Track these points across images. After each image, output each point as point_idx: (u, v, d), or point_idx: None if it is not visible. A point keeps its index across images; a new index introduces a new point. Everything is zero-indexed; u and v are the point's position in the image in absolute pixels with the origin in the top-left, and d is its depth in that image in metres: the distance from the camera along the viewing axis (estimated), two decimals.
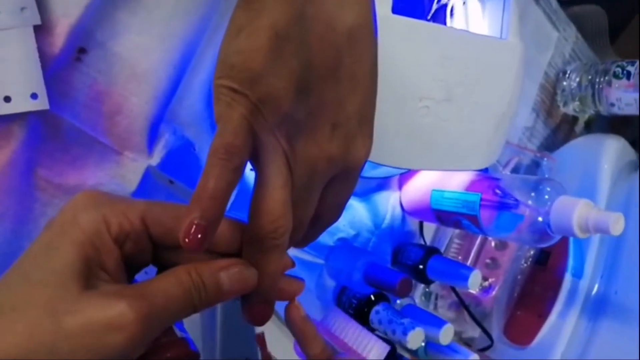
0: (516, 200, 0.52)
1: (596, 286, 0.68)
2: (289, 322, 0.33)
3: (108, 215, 0.26)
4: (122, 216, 0.27)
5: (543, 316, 0.69)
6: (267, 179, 0.28)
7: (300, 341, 0.34)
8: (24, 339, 0.23)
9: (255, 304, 0.30)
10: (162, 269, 0.30)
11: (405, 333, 0.52)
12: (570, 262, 0.69)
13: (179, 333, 0.32)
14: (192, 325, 0.47)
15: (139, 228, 0.27)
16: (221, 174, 0.26)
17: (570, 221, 0.47)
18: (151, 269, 0.30)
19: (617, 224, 0.46)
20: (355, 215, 0.60)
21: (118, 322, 0.23)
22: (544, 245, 0.52)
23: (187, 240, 0.26)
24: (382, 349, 0.50)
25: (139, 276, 0.30)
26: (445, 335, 0.55)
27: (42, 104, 0.38)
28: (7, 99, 0.37)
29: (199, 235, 0.26)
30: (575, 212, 0.47)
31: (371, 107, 0.31)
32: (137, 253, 0.28)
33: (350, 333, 0.53)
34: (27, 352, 0.23)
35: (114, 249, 0.27)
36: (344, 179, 0.30)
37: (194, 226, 0.26)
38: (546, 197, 0.50)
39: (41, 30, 0.38)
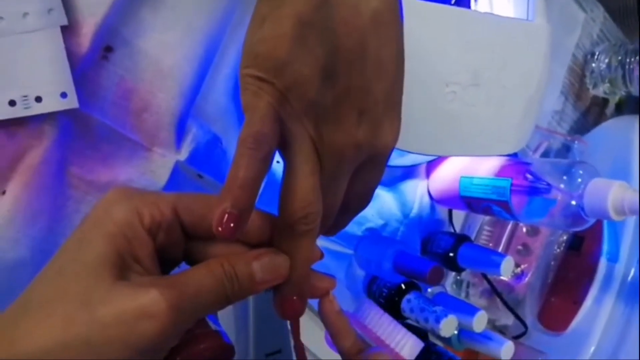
0: (548, 184, 0.51)
1: (633, 270, 0.67)
2: (323, 315, 0.33)
3: (140, 206, 0.27)
4: (153, 207, 0.27)
5: (578, 302, 0.68)
6: (297, 166, 0.28)
7: (333, 334, 0.34)
8: (59, 331, 0.23)
9: (288, 298, 0.29)
10: (194, 264, 0.31)
11: (438, 321, 0.52)
12: (605, 246, 0.68)
13: (212, 325, 0.32)
14: (225, 317, 0.47)
15: (170, 218, 0.28)
16: (250, 163, 0.26)
17: (605, 203, 0.46)
18: (185, 267, 0.30)
19: None
20: (383, 204, 0.60)
21: (150, 310, 0.24)
22: (577, 230, 0.51)
23: (220, 229, 0.26)
24: (416, 345, 0.50)
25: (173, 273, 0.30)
26: (479, 322, 0.54)
27: (71, 102, 0.39)
28: (38, 99, 0.38)
29: (232, 224, 0.26)
30: (610, 194, 0.46)
31: (398, 92, 0.30)
32: (170, 245, 0.28)
33: (384, 327, 0.52)
34: (63, 343, 0.23)
35: (147, 241, 0.27)
36: (372, 165, 0.30)
37: (227, 215, 0.26)
38: (579, 180, 0.49)
39: (68, 31, 0.38)
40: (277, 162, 0.30)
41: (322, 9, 0.26)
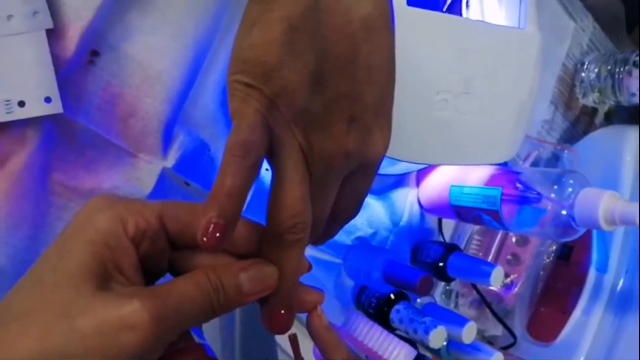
0: (538, 193, 0.50)
1: (621, 281, 0.67)
2: (311, 331, 0.32)
3: (124, 214, 0.26)
4: (138, 215, 0.26)
5: (567, 312, 0.68)
6: (285, 175, 0.28)
7: (323, 350, 0.33)
8: (37, 342, 0.22)
9: (276, 311, 0.29)
10: (178, 275, 0.30)
11: (427, 332, 0.51)
12: (594, 256, 0.68)
13: (196, 339, 0.31)
14: (210, 328, 0.46)
15: (155, 226, 0.27)
16: (238, 172, 0.26)
17: (596, 213, 0.46)
18: (169, 278, 0.29)
19: None
20: (373, 213, 0.59)
21: (131, 321, 0.23)
22: (568, 240, 0.51)
23: (205, 239, 0.25)
24: (409, 353, 0.49)
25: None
26: (468, 333, 0.54)
27: (55, 107, 0.38)
28: (21, 104, 0.37)
29: (217, 234, 0.25)
30: (601, 204, 0.46)
31: (389, 99, 0.30)
32: (154, 254, 0.27)
33: (375, 337, 0.52)
34: (40, 355, 0.22)
35: (130, 250, 0.26)
36: (361, 173, 0.30)
37: (212, 225, 0.25)
38: (569, 189, 0.49)
39: (54, 34, 0.37)
40: (267, 169, 0.29)
41: (312, 15, 0.26)
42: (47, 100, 0.38)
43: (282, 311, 0.28)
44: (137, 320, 0.23)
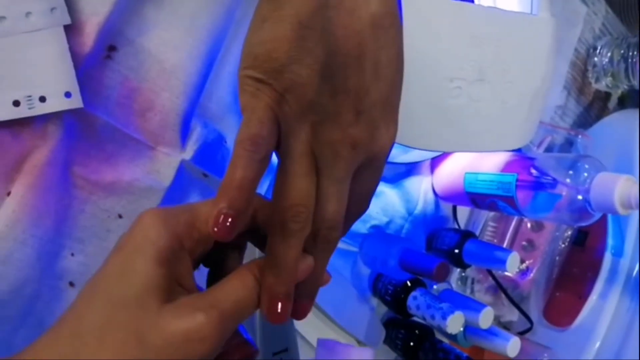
0: (553, 179, 0.51)
1: (637, 265, 0.66)
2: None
3: (177, 229, 0.28)
4: (189, 226, 0.28)
5: (583, 297, 0.68)
6: (290, 166, 0.28)
7: None
8: (114, 355, 0.25)
9: (275, 300, 0.28)
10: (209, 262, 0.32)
11: (444, 317, 0.52)
12: (610, 241, 0.68)
13: (243, 334, 0.33)
14: None
15: (206, 232, 0.29)
16: (248, 165, 0.27)
17: (611, 198, 0.46)
18: None
19: None
20: (388, 202, 0.60)
21: (198, 334, 0.25)
22: (583, 224, 0.51)
23: (216, 229, 0.27)
24: None
25: None
26: (485, 318, 0.54)
27: (76, 102, 0.38)
28: (42, 99, 0.38)
29: (228, 224, 0.27)
30: (617, 188, 0.46)
31: (396, 95, 0.30)
32: (204, 254, 0.30)
33: None
34: None
35: (186, 260, 0.28)
36: (369, 167, 0.30)
37: (222, 215, 0.27)
38: (585, 174, 0.49)
39: (71, 30, 0.38)
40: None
41: (321, 12, 0.27)
42: (68, 95, 0.38)
43: (281, 300, 0.29)
44: (204, 333, 0.25)
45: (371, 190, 0.32)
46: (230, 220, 0.27)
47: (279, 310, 0.28)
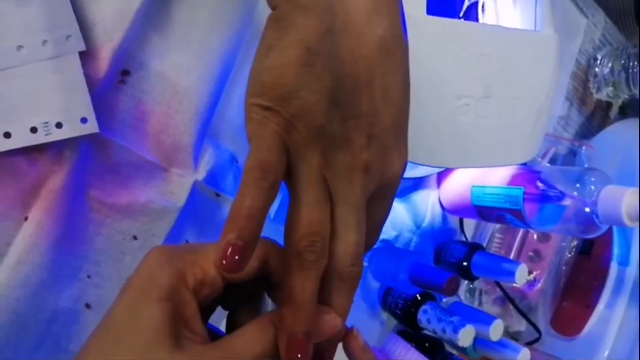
0: (560, 192, 0.51)
1: None
2: (347, 351, 0.32)
3: (182, 269, 0.27)
4: (195, 266, 0.27)
5: (590, 306, 0.68)
6: (301, 195, 0.28)
7: None
8: None
9: (293, 337, 0.27)
10: (228, 305, 0.31)
11: (456, 331, 0.52)
12: (616, 250, 0.68)
13: None
14: None
15: (212, 272, 0.28)
16: (257, 193, 0.26)
17: (619, 210, 0.47)
18: None
19: None
20: (396, 216, 0.60)
21: None
22: (591, 236, 0.52)
23: (224, 262, 0.25)
24: None
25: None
26: (496, 330, 0.55)
27: (92, 127, 0.39)
28: (59, 125, 0.38)
29: (237, 257, 0.25)
30: (624, 200, 0.46)
31: (405, 119, 0.30)
32: (211, 296, 0.28)
33: None
34: None
35: (191, 301, 0.27)
36: (380, 196, 0.30)
37: (231, 247, 0.25)
38: (592, 187, 0.50)
39: (86, 56, 0.39)
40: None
41: (328, 37, 0.26)
42: (84, 120, 0.39)
43: (300, 341, 0.27)
44: None
45: (383, 219, 0.31)
46: (239, 251, 0.25)
47: (299, 351, 0.27)
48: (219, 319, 0.32)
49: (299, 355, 0.27)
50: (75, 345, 0.42)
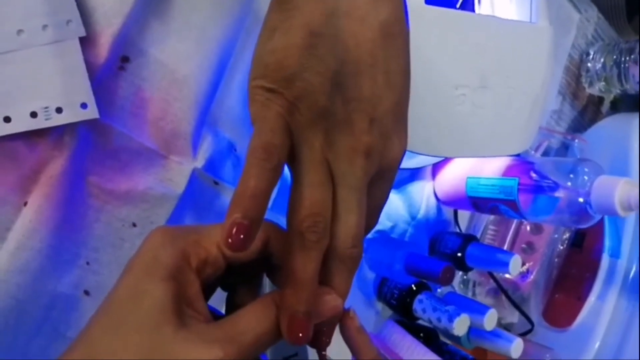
0: (554, 182, 0.52)
1: (635, 266, 0.68)
2: (343, 332, 0.33)
3: (185, 248, 0.27)
4: (197, 246, 0.28)
5: (582, 298, 0.69)
6: (304, 176, 0.28)
7: (353, 350, 0.33)
8: None
9: (294, 317, 0.27)
10: (227, 285, 0.32)
11: (451, 320, 0.53)
12: (607, 242, 0.69)
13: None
14: None
15: (214, 252, 0.28)
16: (261, 174, 0.26)
17: (612, 200, 0.47)
18: None
19: None
20: (392, 207, 0.61)
21: None
22: (584, 226, 0.53)
23: (230, 240, 0.26)
24: None
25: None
26: (490, 320, 0.55)
27: (92, 113, 0.39)
28: (59, 110, 0.38)
29: (242, 235, 0.26)
30: (617, 190, 0.47)
31: (406, 104, 0.30)
32: (214, 276, 0.29)
33: (406, 347, 0.53)
34: None
35: (194, 280, 0.27)
36: (381, 179, 0.30)
37: (236, 225, 0.26)
38: (585, 177, 0.50)
39: (86, 42, 0.39)
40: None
41: (331, 21, 0.27)
42: (84, 106, 0.39)
43: (301, 319, 0.27)
44: None
45: (382, 203, 0.32)
46: (244, 230, 0.26)
47: (300, 331, 0.27)
48: (218, 302, 0.32)
49: (300, 335, 0.27)
50: (74, 332, 0.42)
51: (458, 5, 0.52)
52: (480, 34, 0.46)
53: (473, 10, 0.53)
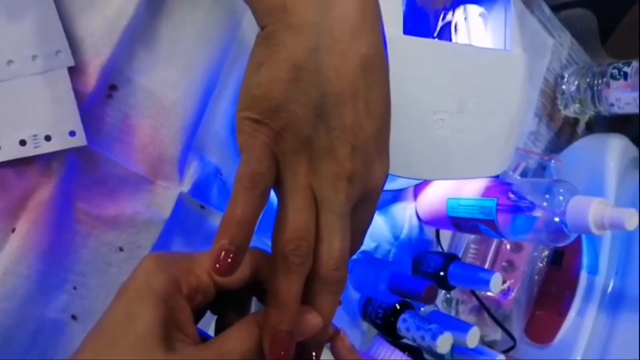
0: (531, 202, 0.54)
1: (612, 282, 0.70)
2: (334, 352, 0.34)
3: (177, 275, 0.29)
4: (189, 273, 0.29)
5: (562, 314, 0.70)
6: (288, 201, 0.29)
7: None
8: None
9: (276, 336, 0.28)
10: (217, 310, 0.33)
11: (434, 338, 0.54)
12: (585, 259, 0.71)
13: None
14: None
15: (205, 280, 0.29)
16: (247, 201, 0.28)
17: (586, 219, 0.49)
18: None
19: (631, 219, 0.48)
20: (375, 227, 0.62)
21: None
22: (561, 245, 0.54)
23: (217, 265, 0.27)
24: None
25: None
26: (473, 338, 0.56)
27: (80, 140, 0.40)
28: (48, 138, 0.39)
29: (229, 260, 0.27)
30: (591, 210, 0.49)
31: (386, 131, 0.32)
32: (204, 303, 0.30)
33: None
34: None
35: (185, 306, 0.28)
36: (363, 203, 0.31)
37: (224, 251, 0.27)
38: (560, 198, 0.52)
39: (75, 71, 0.40)
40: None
41: (314, 55, 0.28)
42: (72, 133, 0.40)
43: (283, 339, 0.28)
44: None
45: (366, 225, 0.33)
46: (231, 255, 0.27)
47: (282, 349, 0.28)
48: (207, 322, 0.33)
49: (282, 353, 0.28)
50: (61, 357, 0.42)
51: (435, 35, 0.54)
52: (457, 62, 0.48)
53: (450, 39, 0.55)
